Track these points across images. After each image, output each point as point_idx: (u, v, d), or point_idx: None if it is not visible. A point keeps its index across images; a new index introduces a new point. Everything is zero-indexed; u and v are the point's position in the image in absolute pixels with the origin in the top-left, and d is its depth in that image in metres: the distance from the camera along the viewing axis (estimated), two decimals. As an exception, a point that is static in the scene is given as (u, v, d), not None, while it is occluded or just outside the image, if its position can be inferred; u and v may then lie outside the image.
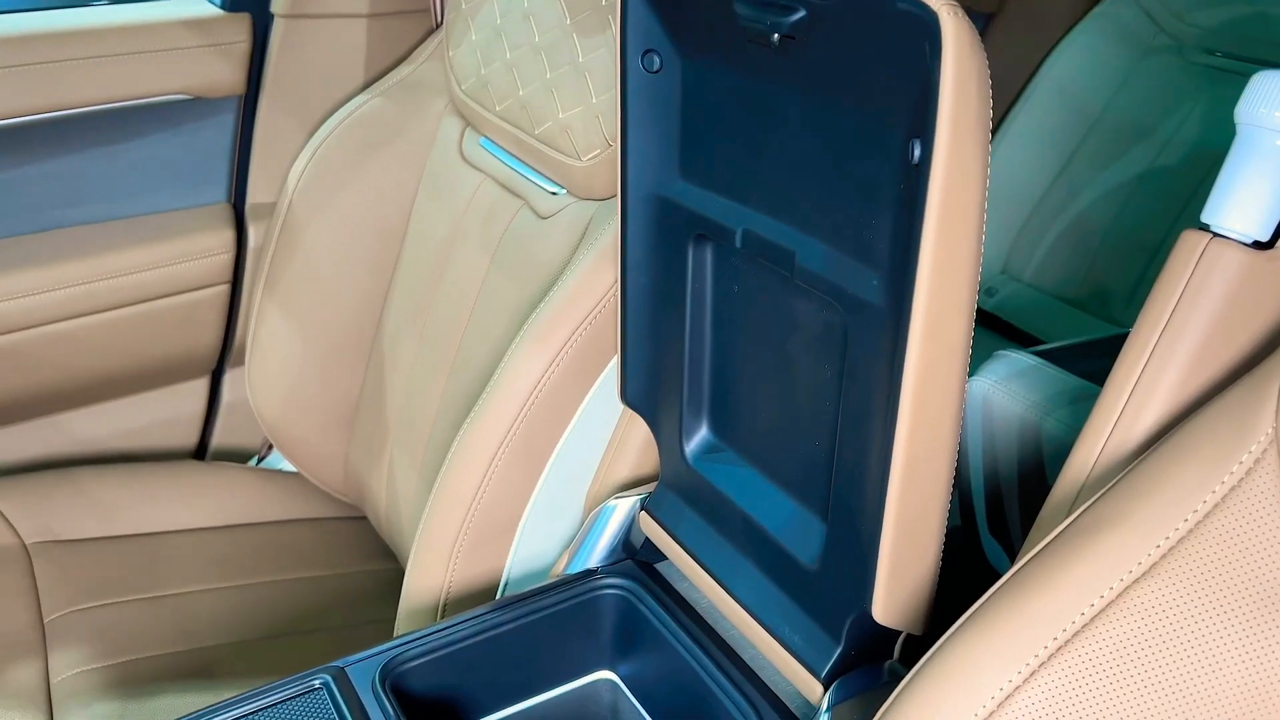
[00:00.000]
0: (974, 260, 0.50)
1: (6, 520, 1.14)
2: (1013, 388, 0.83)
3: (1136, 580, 0.43)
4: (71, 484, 1.21)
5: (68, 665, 0.97)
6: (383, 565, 1.18)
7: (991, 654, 0.44)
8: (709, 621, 0.72)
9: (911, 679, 0.47)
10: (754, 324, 0.66)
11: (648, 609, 0.73)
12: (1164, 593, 0.43)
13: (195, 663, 0.99)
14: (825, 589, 0.62)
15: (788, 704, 0.65)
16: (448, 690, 0.70)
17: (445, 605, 0.83)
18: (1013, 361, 0.86)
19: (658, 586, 0.75)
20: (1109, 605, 0.44)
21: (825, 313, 0.59)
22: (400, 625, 0.86)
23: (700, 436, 0.73)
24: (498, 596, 0.84)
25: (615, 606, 0.75)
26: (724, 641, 0.70)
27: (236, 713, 0.65)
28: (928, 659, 0.47)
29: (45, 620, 1.03)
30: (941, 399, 0.52)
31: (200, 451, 1.42)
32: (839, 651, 0.61)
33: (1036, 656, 0.44)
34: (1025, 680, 0.44)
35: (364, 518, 1.26)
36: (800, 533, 0.64)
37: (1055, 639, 0.44)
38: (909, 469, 0.53)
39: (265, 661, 1.00)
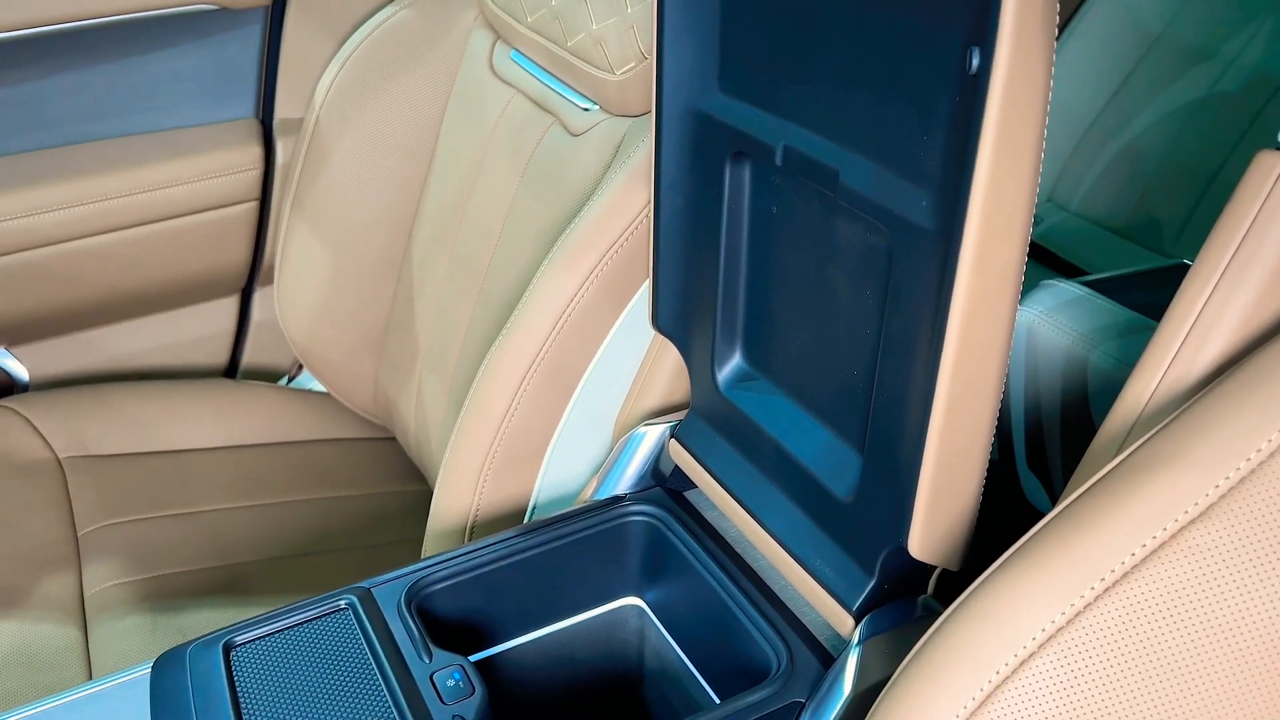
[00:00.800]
0: (1031, 180, 0.46)
1: (40, 434, 1.15)
2: (1059, 319, 0.80)
3: (1193, 520, 0.41)
4: (103, 400, 1.22)
5: (100, 578, 0.98)
6: (411, 486, 1.18)
7: (1036, 592, 0.43)
8: (738, 551, 0.71)
9: (951, 614, 0.46)
10: (793, 247, 0.63)
11: (676, 536, 0.72)
12: (1223, 534, 0.40)
13: (225, 579, 0.99)
14: (859, 522, 0.60)
15: (817, 636, 0.64)
16: (473, 613, 0.70)
17: (473, 528, 0.82)
18: (1060, 292, 0.83)
19: (686, 514, 0.73)
20: (1162, 545, 0.41)
21: (869, 235, 0.56)
22: (427, 547, 0.86)
23: (733, 364, 0.71)
24: (525, 520, 0.83)
25: (643, 533, 0.74)
26: (753, 571, 0.69)
27: (264, 630, 0.64)
28: (969, 595, 0.46)
29: (79, 534, 1.04)
30: (990, 328, 0.49)
31: (231, 370, 1.42)
32: (871, 585, 0.59)
33: (1083, 597, 0.42)
34: (1070, 621, 0.42)
35: (393, 438, 1.25)
36: (835, 464, 0.62)
37: (1103, 579, 0.42)
38: (953, 400, 0.50)
39: (293, 579, 1.01)
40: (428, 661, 0.62)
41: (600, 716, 0.78)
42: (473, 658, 0.70)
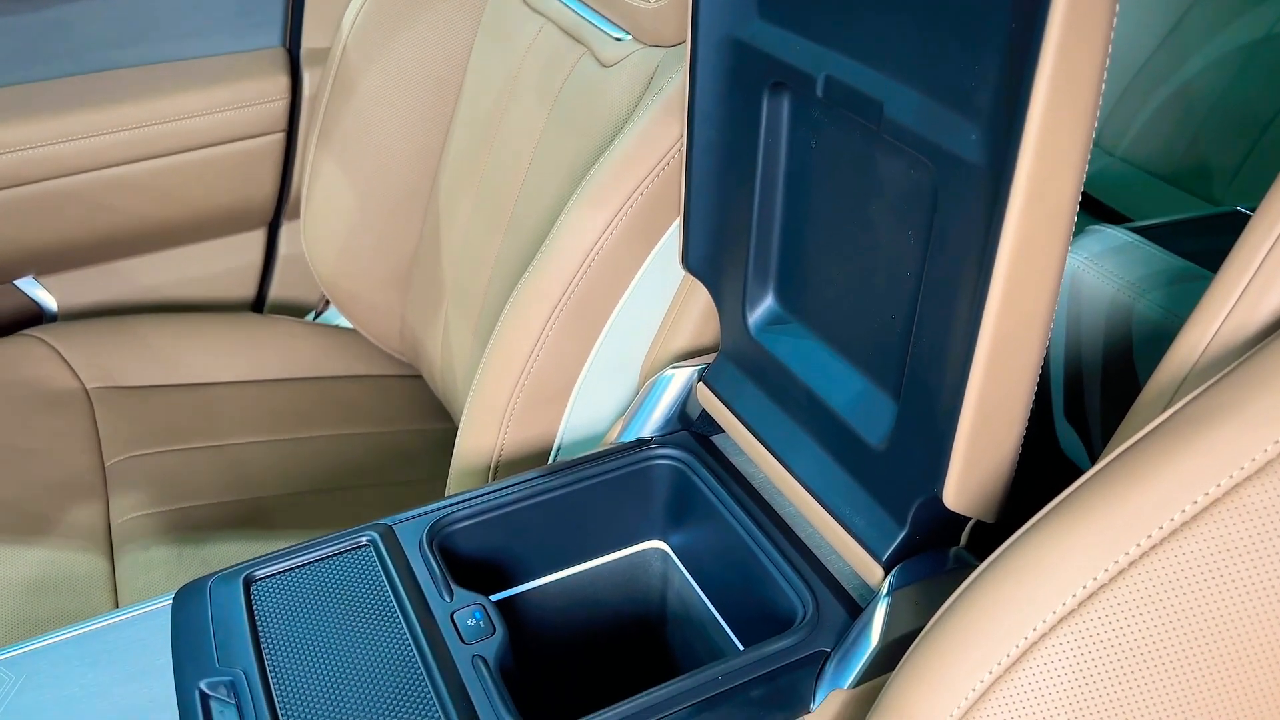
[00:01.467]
0: (1090, 113, 0.44)
1: (68, 364, 1.15)
2: (1105, 266, 0.77)
3: (1250, 477, 0.39)
4: (131, 331, 1.22)
5: (127, 508, 0.98)
6: (437, 424, 1.18)
7: (1080, 546, 0.41)
8: (765, 497, 0.69)
9: (988, 568, 0.44)
10: (831, 184, 0.61)
11: (701, 481, 0.70)
12: (1283, 493, 0.38)
13: (249, 512, 1.00)
14: (892, 471, 0.58)
15: (844, 585, 0.63)
16: (495, 552, 0.69)
17: (497, 467, 0.81)
18: (1106, 237, 0.80)
19: (713, 459, 0.72)
20: (1215, 502, 0.39)
21: (913, 171, 0.53)
22: (451, 485, 0.85)
23: (765, 306, 0.69)
24: (550, 461, 0.82)
25: (668, 477, 0.73)
26: (780, 518, 0.68)
27: (284, 565, 0.64)
28: (1007, 548, 0.44)
29: (106, 464, 1.04)
30: (1040, 272, 0.47)
31: (258, 304, 1.41)
32: (903, 535, 0.58)
33: (1128, 554, 0.40)
34: (1113, 578, 0.40)
35: (419, 376, 1.25)
36: (869, 411, 0.60)
37: (1150, 536, 0.40)
38: (997, 347, 0.48)
39: (317, 514, 1.01)
40: (448, 600, 0.61)
41: (621, 659, 0.77)
42: (493, 597, 0.70)
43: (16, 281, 1.27)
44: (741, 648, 0.69)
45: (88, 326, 1.22)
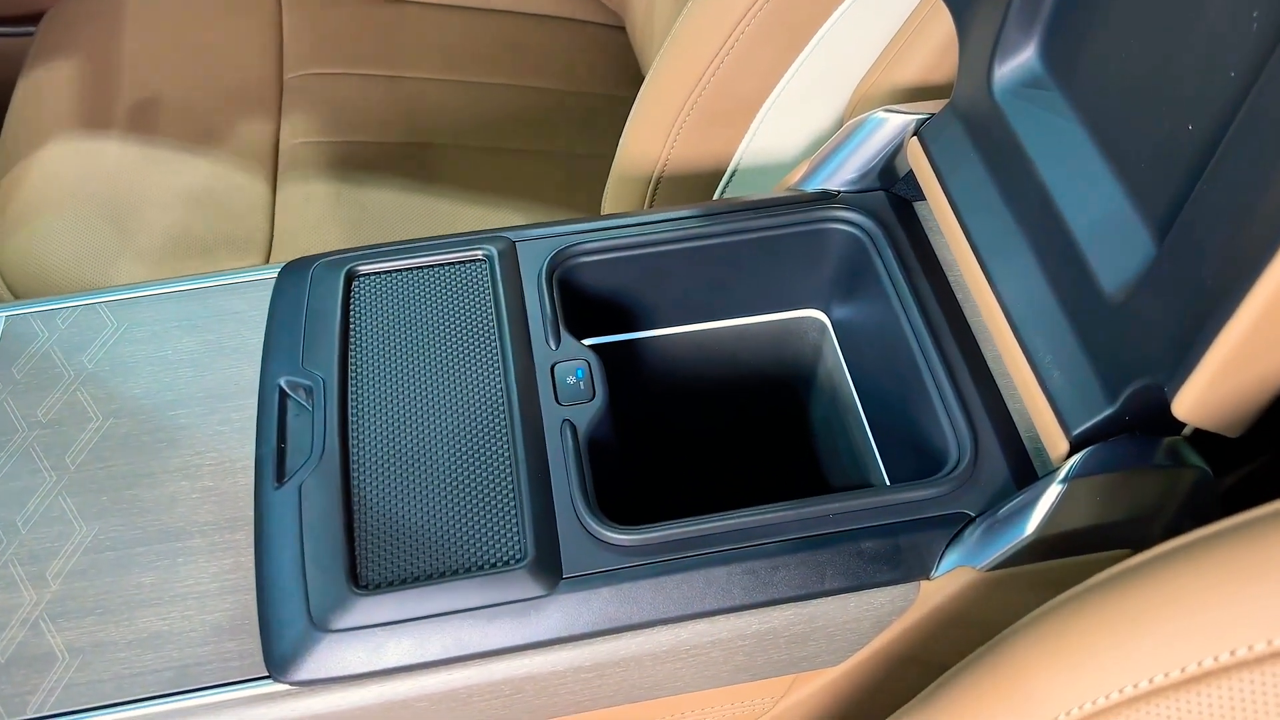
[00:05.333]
0: None
1: (260, -42, 1.08)
2: None
3: None
4: (328, -73, 1.12)
5: (297, 132, 0.95)
6: (629, 92, 1.05)
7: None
8: (958, 298, 0.56)
9: (1240, 528, 0.31)
10: (1164, -95, 0.41)
11: (884, 262, 0.57)
12: None
13: (416, 156, 0.94)
14: (1121, 331, 0.44)
15: (1020, 434, 0.51)
16: (626, 293, 0.60)
17: (658, 182, 0.70)
18: None
19: (906, 235, 0.58)
20: None
21: (1299, -79, 0.34)
22: (608, 193, 0.75)
23: (1021, 60, 0.51)
24: (719, 191, 0.70)
25: (848, 244, 0.60)
26: (967, 328, 0.55)
27: (391, 264, 0.58)
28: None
29: (284, 77, 0.99)
30: None
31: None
32: (1107, 414, 0.45)
33: None
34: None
35: (623, 28, 1.11)
36: (1115, 243, 0.45)
37: None
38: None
39: (479, 173, 0.94)
40: (553, 347, 0.54)
41: (750, 420, 0.70)
42: (616, 338, 0.62)
43: None
44: (879, 455, 0.60)
45: (286, -86, 1.12)
